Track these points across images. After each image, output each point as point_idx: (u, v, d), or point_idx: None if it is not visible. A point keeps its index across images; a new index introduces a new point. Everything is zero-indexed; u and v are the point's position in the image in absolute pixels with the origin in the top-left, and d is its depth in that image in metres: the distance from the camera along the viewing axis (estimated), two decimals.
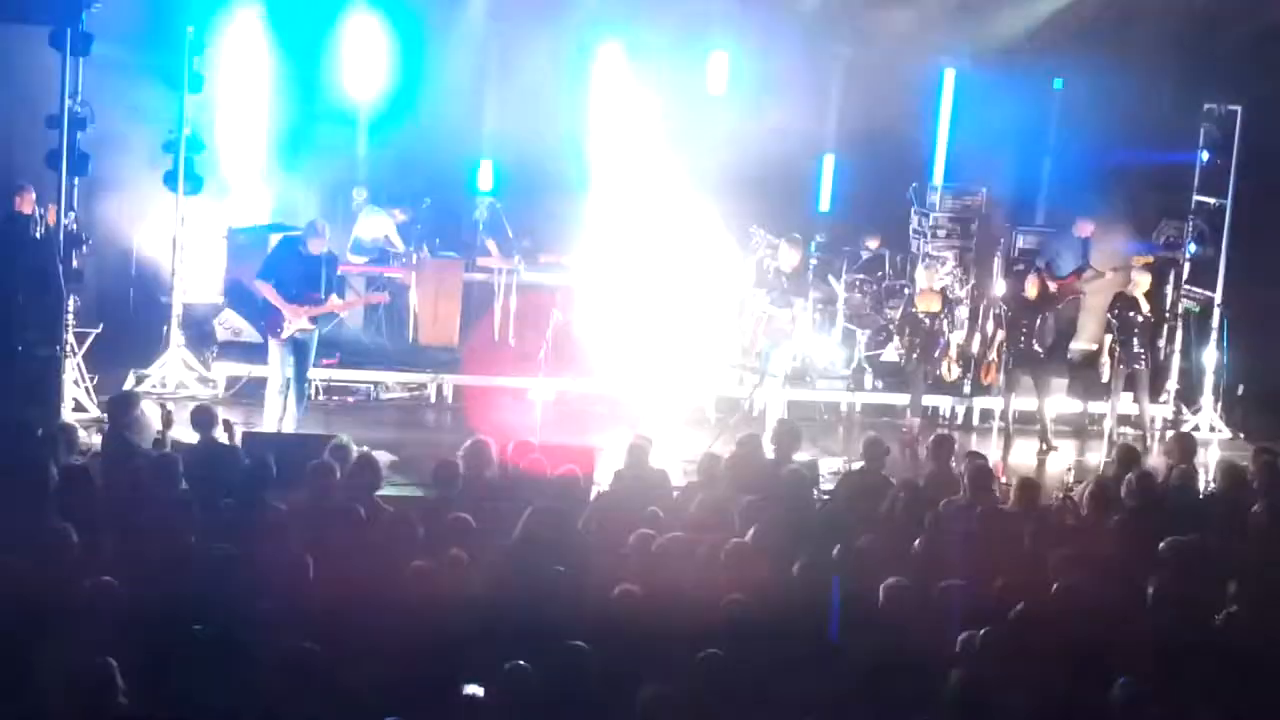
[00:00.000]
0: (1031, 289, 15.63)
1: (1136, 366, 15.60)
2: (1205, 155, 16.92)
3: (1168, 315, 16.76)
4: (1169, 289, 17.00)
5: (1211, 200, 16.91)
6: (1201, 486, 12.18)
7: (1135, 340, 15.54)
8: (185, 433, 11.32)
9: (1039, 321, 15.67)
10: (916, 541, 9.52)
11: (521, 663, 7.02)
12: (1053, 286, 16.40)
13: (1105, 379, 15.81)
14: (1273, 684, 7.77)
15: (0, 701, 6.93)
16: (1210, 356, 16.66)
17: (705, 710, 7.03)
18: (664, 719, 6.85)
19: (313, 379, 14.54)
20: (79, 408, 14.05)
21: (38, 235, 14.55)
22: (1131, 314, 15.57)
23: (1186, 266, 17.24)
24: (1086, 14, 18.60)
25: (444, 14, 18.30)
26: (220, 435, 11.16)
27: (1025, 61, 18.65)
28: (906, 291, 16.77)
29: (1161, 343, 16.61)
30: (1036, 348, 15.63)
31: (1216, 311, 16.65)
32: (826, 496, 11.60)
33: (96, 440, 11.84)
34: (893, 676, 7.31)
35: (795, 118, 18.21)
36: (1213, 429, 16.53)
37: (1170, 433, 15.90)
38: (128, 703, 6.77)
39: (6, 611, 7.54)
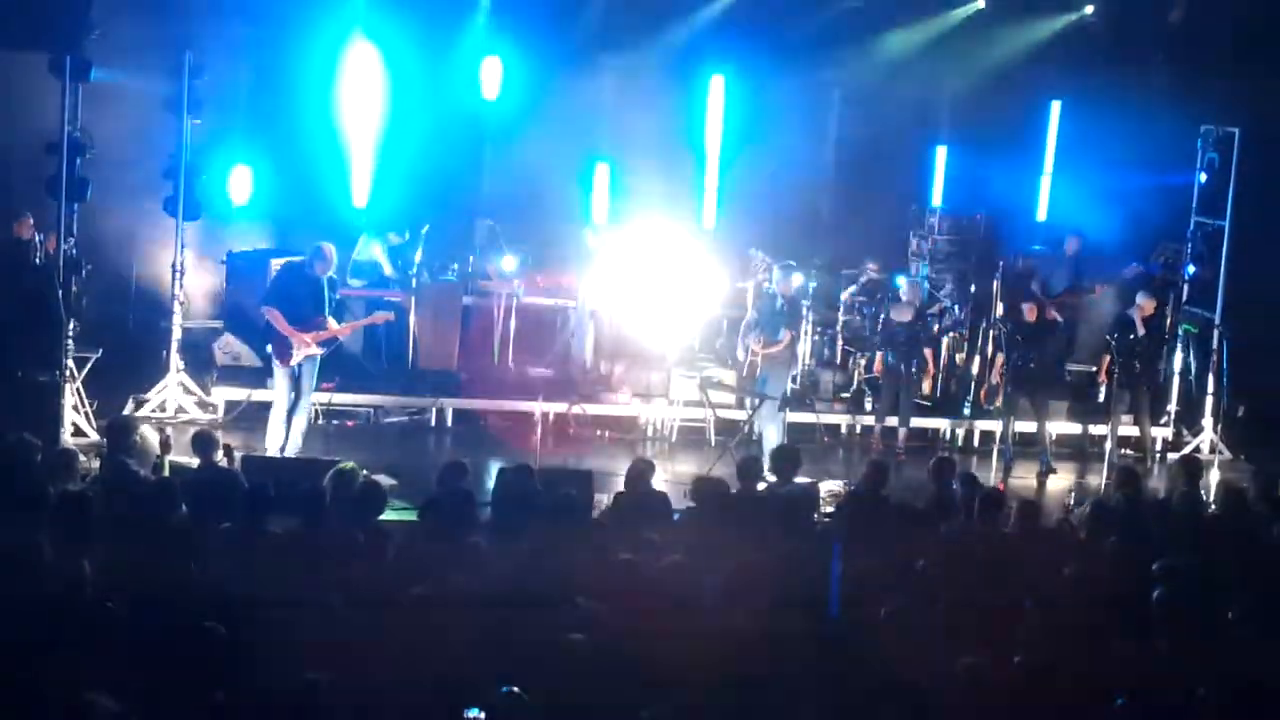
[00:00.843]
0: (1029, 312, 15.65)
1: (1136, 388, 15.60)
2: (1203, 176, 16.94)
3: (1167, 336, 16.76)
4: (1168, 310, 17.01)
5: (1210, 221, 16.93)
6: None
7: (1135, 362, 15.54)
8: (185, 458, 11.31)
9: (1037, 343, 15.67)
10: (918, 564, 9.51)
11: (515, 689, 7.00)
12: (1049, 308, 16.41)
13: (1104, 400, 15.80)
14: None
15: None
16: (1210, 378, 16.66)
17: None
18: None
19: (313, 403, 14.52)
20: (78, 433, 14.05)
21: (37, 261, 14.56)
22: (1131, 335, 15.58)
23: (1185, 288, 17.26)
24: (1085, 36, 18.69)
25: (442, 41, 18.35)
26: (220, 460, 11.15)
27: (1023, 83, 18.69)
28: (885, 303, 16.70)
29: (1161, 364, 16.61)
30: (1034, 369, 15.63)
31: (1216, 333, 16.65)
32: (827, 519, 11.59)
33: (96, 465, 11.83)
34: (891, 700, 7.29)
35: (794, 141, 18.28)
36: (1213, 450, 16.51)
37: (1171, 454, 15.94)
38: None
39: (5, 637, 7.53)
